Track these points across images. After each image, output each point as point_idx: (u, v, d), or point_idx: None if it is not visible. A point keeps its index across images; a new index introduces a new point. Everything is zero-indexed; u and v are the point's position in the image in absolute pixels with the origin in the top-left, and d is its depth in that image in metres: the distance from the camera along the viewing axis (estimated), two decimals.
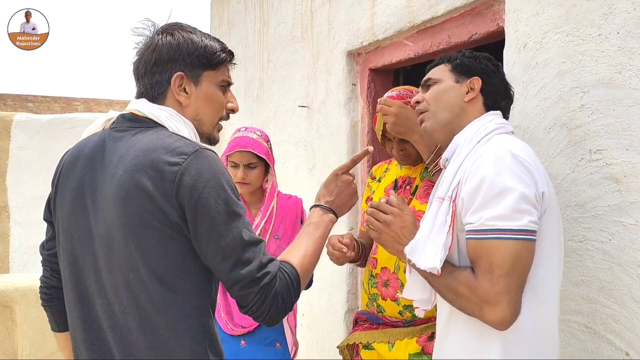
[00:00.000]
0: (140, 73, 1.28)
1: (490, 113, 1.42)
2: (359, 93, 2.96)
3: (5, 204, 5.49)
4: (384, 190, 2.02)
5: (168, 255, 1.16)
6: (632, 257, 1.45)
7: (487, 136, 1.34)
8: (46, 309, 1.44)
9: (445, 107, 1.42)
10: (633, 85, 1.44)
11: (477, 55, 1.47)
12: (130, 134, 1.23)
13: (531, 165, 1.24)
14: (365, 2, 2.75)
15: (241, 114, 4.22)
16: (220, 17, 4.85)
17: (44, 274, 1.44)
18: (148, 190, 1.13)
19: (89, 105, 13.90)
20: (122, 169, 1.17)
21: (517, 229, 1.19)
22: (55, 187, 1.32)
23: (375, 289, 1.94)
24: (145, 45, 1.29)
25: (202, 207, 1.13)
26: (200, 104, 1.29)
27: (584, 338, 1.58)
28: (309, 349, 3.39)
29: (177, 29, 1.29)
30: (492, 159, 1.24)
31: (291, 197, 2.27)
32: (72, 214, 1.25)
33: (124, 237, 1.15)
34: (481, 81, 1.42)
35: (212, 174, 1.16)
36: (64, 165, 1.31)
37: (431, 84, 1.47)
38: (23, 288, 2.64)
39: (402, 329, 1.86)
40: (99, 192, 1.21)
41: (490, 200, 1.21)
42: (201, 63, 1.27)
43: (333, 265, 3.06)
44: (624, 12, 1.46)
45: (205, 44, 1.28)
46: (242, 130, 2.16)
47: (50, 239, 1.39)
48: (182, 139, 1.21)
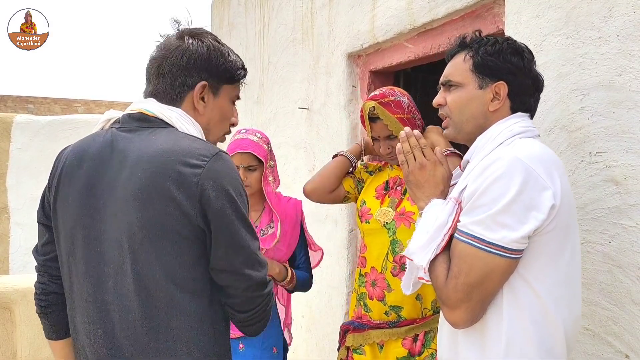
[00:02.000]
0: (162, 71, 1.26)
1: (516, 115, 1.33)
2: (359, 95, 2.96)
3: (5, 205, 5.50)
4: (374, 189, 2.03)
5: (186, 258, 1.15)
6: (632, 259, 1.45)
7: (508, 140, 1.27)
8: (43, 316, 1.36)
9: (469, 118, 1.35)
10: (633, 88, 1.44)
11: (500, 49, 1.33)
12: (142, 134, 1.21)
13: (541, 176, 1.16)
14: (366, 4, 2.75)
15: (241, 115, 4.21)
16: (221, 18, 4.85)
17: (40, 279, 1.36)
18: (171, 192, 1.13)
19: (89, 107, 13.90)
20: (140, 171, 1.15)
21: (491, 242, 1.14)
22: (55, 188, 1.26)
23: (364, 288, 1.96)
24: (171, 44, 1.27)
25: (224, 210, 1.15)
26: (214, 115, 1.31)
27: (584, 340, 1.58)
28: (309, 350, 3.38)
29: (208, 36, 1.29)
30: (498, 164, 1.18)
31: (290, 199, 2.26)
32: (79, 215, 1.21)
33: (142, 239, 1.14)
34: (507, 85, 1.31)
35: (232, 177, 1.18)
36: (64, 166, 1.26)
37: (452, 85, 1.37)
38: (23, 289, 2.63)
39: (387, 330, 1.89)
40: (112, 193, 1.18)
41: (479, 206, 1.17)
42: (225, 77, 1.30)
43: (333, 267, 3.06)
44: (623, 14, 1.47)
45: (232, 58, 1.31)
46: (242, 132, 2.15)
47: (47, 242, 1.33)
48: (198, 140, 1.22)
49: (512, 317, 1.18)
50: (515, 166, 1.16)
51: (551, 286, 1.19)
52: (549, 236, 1.18)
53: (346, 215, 2.99)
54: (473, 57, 1.34)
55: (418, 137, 1.38)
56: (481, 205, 1.17)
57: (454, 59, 1.40)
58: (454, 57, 1.41)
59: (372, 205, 2.00)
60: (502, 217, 1.14)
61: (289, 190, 3.43)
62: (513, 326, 1.18)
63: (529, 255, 1.18)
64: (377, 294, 1.91)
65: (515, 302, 1.19)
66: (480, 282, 1.16)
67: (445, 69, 1.41)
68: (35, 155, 5.53)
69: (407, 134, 1.39)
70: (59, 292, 1.32)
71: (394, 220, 1.91)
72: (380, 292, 1.90)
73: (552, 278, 1.20)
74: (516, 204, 1.13)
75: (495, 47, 1.33)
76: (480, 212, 1.16)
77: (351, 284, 3.00)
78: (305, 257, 2.23)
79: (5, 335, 2.58)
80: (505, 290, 1.19)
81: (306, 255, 2.23)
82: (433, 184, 1.35)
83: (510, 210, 1.13)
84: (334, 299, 3.10)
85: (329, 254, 3.04)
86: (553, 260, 1.20)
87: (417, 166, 1.37)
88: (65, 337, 1.35)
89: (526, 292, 1.19)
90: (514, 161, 1.16)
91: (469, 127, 1.36)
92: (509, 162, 1.17)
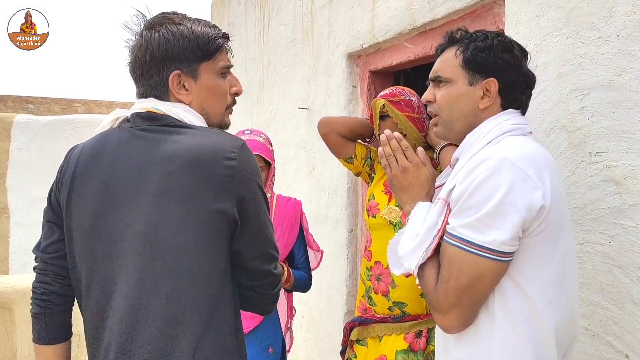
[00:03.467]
0: (137, 75, 1.24)
1: (507, 112, 1.30)
2: (359, 95, 2.96)
3: (5, 205, 5.50)
4: (383, 183, 2.04)
5: (216, 254, 1.16)
6: (632, 259, 1.45)
7: (498, 138, 1.25)
8: (39, 318, 1.30)
9: (459, 116, 1.32)
10: (633, 88, 1.45)
11: (490, 45, 1.30)
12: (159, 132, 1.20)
13: (530, 177, 1.13)
14: (366, 5, 2.75)
15: (241, 115, 4.22)
16: (221, 19, 4.86)
17: (40, 279, 1.31)
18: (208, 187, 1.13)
19: (89, 107, 13.90)
20: (172, 166, 1.14)
21: (480, 245, 1.12)
22: (68, 187, 1.23)
23: (370, 281, 1.97)
24: (136, 45, 1.23)
25: (257, 199, 1.19)
26: (204, 97, 1.25)
27: (584, 340, 1.58)
28: (308, 350, 3.38)
29: (165, 22, 1.22)
30: (486, 165, 1.15)
31: (290, 199, 2.27)
32: (97, 213, 1.19)
33: (175, 235, 1.13)
34: (497, 81, 1.29)
35: (257, 166, 1.22)
36: (78, 165, 1.23)
37: (442, 81, 1.34)
38: (22, 289, 2.63)
39: (391, 325, 1.90)
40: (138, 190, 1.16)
41: (467, 208, 1.14)
42: (196, 56, 1.22)
43: (333, 267, 3.06)
44: (623, 15, 1.47)
45: (196, 34, 1.21)
46: (247, 134, 2.16)
47: (56, 241, 1.28)
48: (222, 133, 1.23)
49: (504, 320, 1.17)
50: (503, 166, 1.13)
51: (542, 288, 1.17)
52: (538, 238, 1.16)
53: (346, 216, 2.99)
54: (463, 52, 1.31)
55: (399, 139, 1.37)
56: (469, 208, 1.14)
57: (444, 54, 1.36)
58: (443, 52, 1.37)
59: (380, 200, 2.01)
60: (491, 219, 1.12)
61: (289, 190, 3.43)
62: (504, 329, 1.17)
63: (519, 257, 1.16)
64: (382, 289, 1.92)
65: (506, 305, 1.17)
66: (471, 285, 1.14)
67: (435, 64, 1.38)
68: (35, 155, 5.53)
69: (388, 136, 1.37)
70: (61, 293, 1.30)
71: (400, 219, 1.92)
72: (385, 287, 1.91)
73: (543, 280, 1.17)
74: (505, 205, 1.11)
75: (486, 42, 1.30)
76: (468, 214, 1.14)
77: (351, 284, 3.00)
78: (305, 257, 2.23)
79: (5, 335, 2.58)
80: (496, 293, 1.18)
81: (305, 256, 2.24)
82: (418, 186, 1.34)
83: (499, 212, 1.11)
84: (334, 299, 3.10)
85: (329, 254, 3.04)
86: (544, 262, 1.17)
87: (399, 169, 1.36)
88: (60, 341, 1.31)
89: (516, 295, 1.17)
90: (502, 161, 1.14)
91: (458, 126, 1.33)
92: (497, 162, 1.14)
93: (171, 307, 1.13)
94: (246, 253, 1.21)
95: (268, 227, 1.24)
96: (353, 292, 3.00)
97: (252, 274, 1.25)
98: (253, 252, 1.22)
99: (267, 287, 1.28)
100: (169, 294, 1.13)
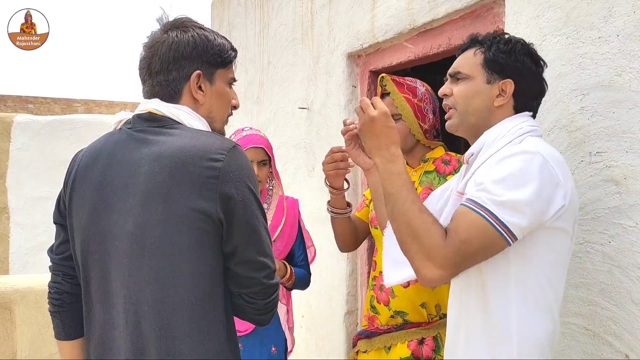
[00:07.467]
0: (154, 69, 1.26)
1: (523, 114, 1.36)
2: (359, 95, 2.96)
3: (5, 205, 5.49)
4: None
5: (202, 254, 1.16)
6: (632, 259, 1.45)
7: (519, 137, 1.29)
8: (55, 316, 1.37)
9: (474, 111, 1.37)
10: (633, 88, 1.45)
11: (513, 48, 1.36)
12: (156, 133, 1.22)
13: (558, 176, 1.20)
14: (366, 4, 2.75)
15: (241, 115, 4.22)
16: (221, 18, 4.86)
17: (54, 279, 1.38)
18: (191, 187, 1.14)
19: (89, 107, 13.90)
20: (159, 167, 1.16)
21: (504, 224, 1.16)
22: (70, 187, 1.28)
23: (373, 291, 1.97)
24: (157, 41, 1.26)
25: (246, 202, 1.17)
26: (214, 102, 1.31)
27: (583, 340, 1.58)
28: (308, 350, 3.38)
29: (191, 25, 1.29)
30: (524, 156, 1.20)
31: (288, 198, 2.28)
32: (93, 212, 1.22)
33: (160, 235, 1.14)
34: (514, 84, 1.34)
35: (249, 169, 1.21)
36: (79, 166, 1.28)
37: (460, 78, 1.39)
38: (23, 289, 2.63)
39: (394, 334, 1.90)
40: (129, 189, 1.18)
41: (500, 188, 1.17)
42: (216, 62, 1.29)
43: (333, 267, 3.06)
44: (623, 14, 1.47)
45: (218, 42, 1.30)
46: (247, 130, 2.18)
47: (63, 242, 1.35)
48: (213, 135, 1.23)
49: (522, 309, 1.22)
50: (538, 160, 1.19)
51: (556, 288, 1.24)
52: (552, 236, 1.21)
53: None
54: (485, 52, 1.37)
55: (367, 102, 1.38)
56: (502, 188, 1.17)
57: (465, 53, 1.42)
58: (465, 52, 1.43)
59: None
60: (519, 204, 1.16)
61: (289, 190, 3.43)
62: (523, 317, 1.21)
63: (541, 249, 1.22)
64: (384, 299, 1.92)
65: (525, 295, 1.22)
66: (476, 254, 1.18)
67: (455, 61, 1.44)
68: (35, 155, 5.52)
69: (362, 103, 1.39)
70: (72, 292, 1.34)
71: None
72: (386, 297, 1.91)
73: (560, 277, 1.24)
74: (538, 198, 1.16)
75: (509, 46, 1.36)
76: (500, 193, 1.17)
77: (351, 284, 3.00)
78: (304, 255, 2.25)
79: (5, 335, 2.58)
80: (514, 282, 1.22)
81: (305, 253, 2.26)
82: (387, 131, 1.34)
83: (532, 202, 1.16)
84: (334, 299, 3.10)
85: (329, 254, 3.04)
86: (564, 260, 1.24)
87: (367, 120, 1.36)
88: (76, 337, 1.35)
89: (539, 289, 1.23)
90: (537, 155, 1.20)
91: (472, 119, 1.38)
92: (533, 155, 1.20)
93: (159, 308, 1.15)
94: (232, 257, 1.20)
95: (260, 232, 1.20)
96: (353, 292, 3.00)
97: (238, 279, 1.21)
98: (238, 257, 1.20)
99: (257, 297, 1.22)
100: (156, 295, 1.15)
